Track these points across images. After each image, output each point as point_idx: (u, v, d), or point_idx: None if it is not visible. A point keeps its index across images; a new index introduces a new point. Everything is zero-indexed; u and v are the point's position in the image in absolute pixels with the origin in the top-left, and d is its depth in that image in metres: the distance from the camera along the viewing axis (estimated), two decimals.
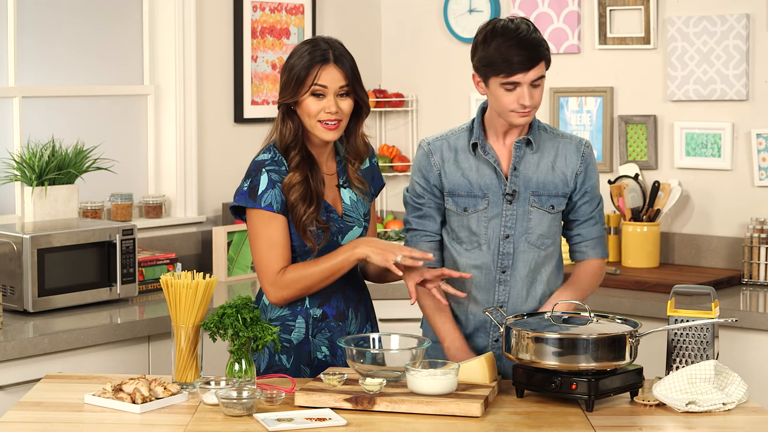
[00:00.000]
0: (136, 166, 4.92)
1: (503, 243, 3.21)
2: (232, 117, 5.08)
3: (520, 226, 3.21)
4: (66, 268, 4.03)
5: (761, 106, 4.63)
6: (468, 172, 3.24)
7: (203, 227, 4.94)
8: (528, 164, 3.21)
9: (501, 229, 3.21)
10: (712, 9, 4.71)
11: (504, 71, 3.09)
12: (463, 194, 3.24)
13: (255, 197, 3.15)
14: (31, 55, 4.59)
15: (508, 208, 3.21)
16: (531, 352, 2.87)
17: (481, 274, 3.24)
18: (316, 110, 3.14)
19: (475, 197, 3.23)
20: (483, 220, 3.22)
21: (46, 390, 3.06)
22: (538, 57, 3.09)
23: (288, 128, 3.19)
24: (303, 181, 3.15)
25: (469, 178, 3.23)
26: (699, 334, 3.04)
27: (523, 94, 3.10)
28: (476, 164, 3.23)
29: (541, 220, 3.21)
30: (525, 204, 3.20)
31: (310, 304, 3.22)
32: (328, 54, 3.14)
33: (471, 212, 3.23)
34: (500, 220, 3.21)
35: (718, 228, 4.75)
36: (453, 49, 5.42)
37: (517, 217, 3.20)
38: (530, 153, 3.22)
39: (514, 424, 2.74)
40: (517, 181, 3.20)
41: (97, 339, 3.83)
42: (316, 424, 2.71)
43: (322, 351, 3.23)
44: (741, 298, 4.36)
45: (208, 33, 4.99)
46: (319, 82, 3.12)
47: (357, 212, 3.26)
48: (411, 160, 5.56)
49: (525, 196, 3.20)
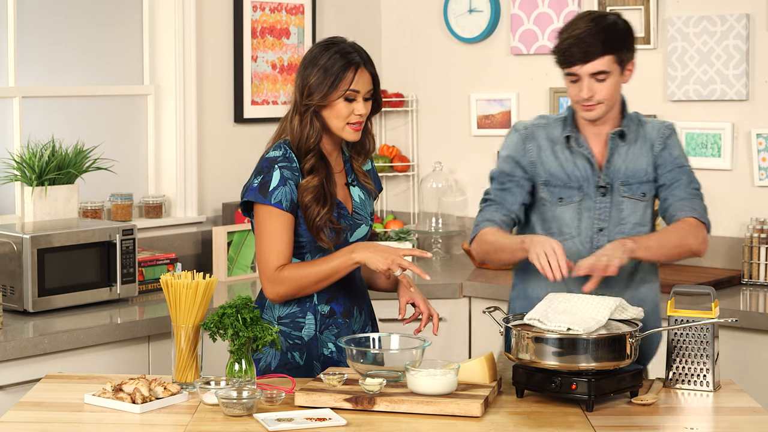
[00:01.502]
0: (136, 166, 4.92)
1: (597, 236, 3.21)
2: (232, 117, 5.08)
3: (614, 218, 3.20)
4: (66, 268, 4.03)
5: (761, 106, 4.63)
6: (565, 163, 3.24)
7: (203, 227, 4.94)
8: (619, 155, 3.22)
9: (594, 221, 3.20)
10: (712, 9, 4.71)
11: (563, 63, 3.14)
12: (559, 184, 3.24)
13: (266, 193, 3.15)
14: (31, 55, 4.59)
15: (601, 201, 3.20)
16: (531, 352, 2.87)
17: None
18: (347, 113, 3.15)
19: (571, 188, 3.23)
20: (576, 211, 3.22)
21: (46, 390, 3.06)
22: (597, 51, 3.09)
23: (314, 129, 3.17)
24: (318, 186, 3.16)
25: (566, 169, 3.23)
26: (699, 334, 3.04)
27: (582, 86, 3.12)
28: (572, 156, 3.24)
29: (633, 209, 3.19)
30: (617, 195, 3.20)
31: (318, 300, 3.23)
32: (358, 57, 3.15)
33: (566, 203, 3.23)
34: (592, 213, 3.21)
35: (718, 228, 4.75)
36: (453, 49, 5.42)
37: (611, 208, 3.20)
38: (622, 144, 3.22)
39: (514, 424, 2.74)
40: (610, 174, 3.21)
41: (97, 339, 3.83)
42: (316, 424, 2.71)
43: (329, 348, 3.24)
44: (741, 298, 4.36)
45: (208, 33, 4.99)
46: (354, 88, 3.14)
47: (365, 210, 3.29)
48: (411, 160, 5.56)
49: (616, 188, 3.20)
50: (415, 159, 5.58)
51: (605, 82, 3.13)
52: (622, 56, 3.15)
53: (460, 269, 4.98)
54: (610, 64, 3.12)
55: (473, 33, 5.32)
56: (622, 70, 3.17)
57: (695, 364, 3.03)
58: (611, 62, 3.12)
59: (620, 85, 3.19)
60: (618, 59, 3.14)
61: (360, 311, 3.31)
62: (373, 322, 3.41)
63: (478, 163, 5.36)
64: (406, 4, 5.59)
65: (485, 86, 5.32)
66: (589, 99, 3.14)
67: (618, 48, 3.13)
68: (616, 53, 3.13)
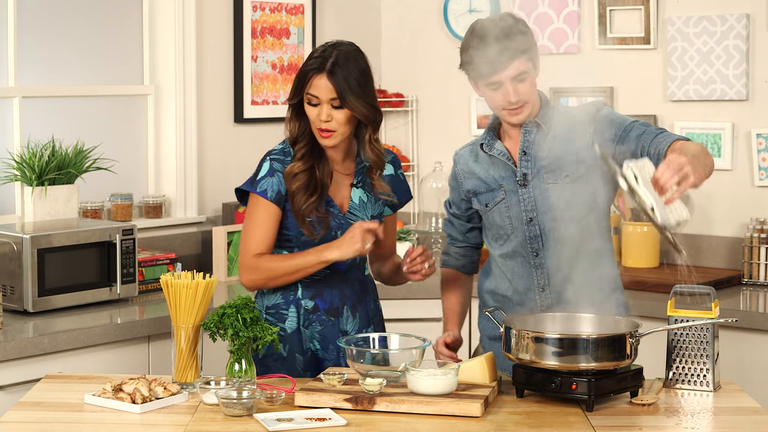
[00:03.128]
0: (136, 166, 4.92)
1: (528, 227, 3.21)
2: (232, 117, 5.08)
3: (541, 206, 3.20)
4: (66, 268, 4.03)
5: (761, 106, 4.63)
6: (484, 170, 3.27)
7: (203, 227, 4.94)
8: (538, 144, 3.21)
9: (522, 214, 3.21)
10: (712, 9, 4.71)
11: (482, 75, 3.14)
12: (483, 191, 3.28)
13: (254, 182, 3.23)
14: (31, 55, 4.59)
15: (524, 192, 3.21)
16: (531, 352, 2.87)
17: (515, 263, 3.25)
18: (313, 117, 3.19)
19: (493, 191, 3.26)
20: (504, 210, 3.23)
21: (46, 390, 3.06)
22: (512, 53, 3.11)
23: (295, 125, 3.25)
24: (307, 171, 3.21)
25: (484, 175, 3.27)
26: (699, 334, 3.04)
27: (507, 91, 3.13)
28: (490, 161, 3.27)
29: (561, 193, 3.18)
30: (540, 183, 3.20)
31: (302, 295, 3.26)
32: (326, 64, 3.15)
33: (492, 206, 3.26)
34: (519, 206, 3.22)
35: (718, 228, 4.75)
36: (453, 49, 5.39)
37: (536, 198, 3.20)
38: (541, 135, 3.21)
39: (514, 424, 2.74)
40: (527, 164, 3.21)
41: (97, 339, 3.83)
42: (316, 424, 2.71)
43: (314, 344, 3.25)
44: (741, 298, 4.36)
45: (208, 33, 4.99)
46: (310, 92, 3.17)
47: (364, 212, 3.28)
48: (411, 160, 5.56)
49: (539, 176, 3.20)
50: (415, 159, 5.58)
51: (526, 81, 3.14)
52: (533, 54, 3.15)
53: None
54: (527, 64, 3.14)
55: None
56: (535, 67, 3.17)
57: (695, 364, 3.03)
58: (527, 62, 3.13)
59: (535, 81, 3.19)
60: (532, 58, 3.14)
61: (352, 312, 3.31)
62: (378, 326, 3.40)
63: None
64: (406, 4, 5.59)
65: None
66: (517, 102, 3.15)
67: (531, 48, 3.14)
68: (530, 53, 3.14)
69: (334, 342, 3.26)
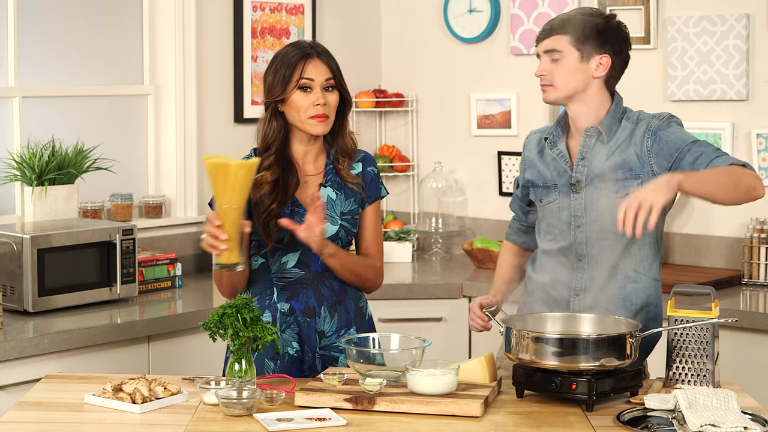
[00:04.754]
0: (136, 166, 4.92)
1: (575, 232, 3.21)
2: (232, 117, 5.09)
3: (590, 215, 3.20)
4: (66, 268, 4.03)
5: (761, 106, 4.63)
6: (544, 165, 3.28)
7: (203, 227, 4.93)
8: (597, 152, 3.20)
9: (571, 219, 3.21)
10: (712, 9, 4.71)
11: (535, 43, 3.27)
12: (540, 185, 3.29)
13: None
14: (31, 55, 4.59)
15: (575, 198, 3.21)
16: (531, 352, 2.87)
17: (558, 262, 3.25)
18: (305, 105, 3.19)
19: (548, 188, 3.27)
20: (555, 210, 3.24)
21: (46, 390, 3.06)
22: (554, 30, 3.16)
23: (272, 128, 3.26)
24: (273, 181, 3.21)
25: (544, 171, 3.28)
26: (699, 334, 3.04)
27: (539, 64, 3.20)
28: (551, 158, 3.27)
29: (609, 205, 3.16)
30: (592, 192, 3.20)
31: (278, 299, 3.25)
32: (312, 50, 3.23)
33: (545, 203, 3.27)
34: (569, 210, 3.22)
35: (718, 228, 4.75)
36: (453, 49, 5.42)
37: (585, 205, 3.20)
38: (601, 143, 3.20)
39: (514, 424, 2.74)
40: (583, 170, 3.21)
41: (97, 339, 3.83)
42: (316, 424, 2.71)
43: (293, 346, 3.24)
44: (741, 298, 4.36)
45: (208, 33, 4.99)
46: (306, 76, 3.19)
47: (332, 210, 3.27)
48: (411, 160, 5.56)
49: (592, 184, 3.20)
50: (415, 159, 5.58)
51: (559, 63, 3.16)
52: (581, 43, 3.15)
53: (460, 269, 4.99)
54: (564, 45, 3.15)
55: (473, 33, 5.32)
56: (583, 58, 3.16)
57: (695, 364, 3.03)
58: (566, 44, 3.15)
59: (586, 76, 3.17)
60: (576, 44, 3.14)
61: (330, 312, 3.28)
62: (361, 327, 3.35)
63: (478, 163, 5.36)
64: (406, 4, 5.59)
65: (485, 86, 5.32)
66: (542, 78, 3.19)
67: (579, 34, 3.14)
68: (574, 37, 3.14)
69: (310, 343, 3.25)
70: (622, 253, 3.18)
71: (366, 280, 3.31)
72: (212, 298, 4.40)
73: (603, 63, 3.17)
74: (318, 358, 3.25)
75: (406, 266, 5.10)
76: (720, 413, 2.70)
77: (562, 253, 3.24)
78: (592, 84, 3.18)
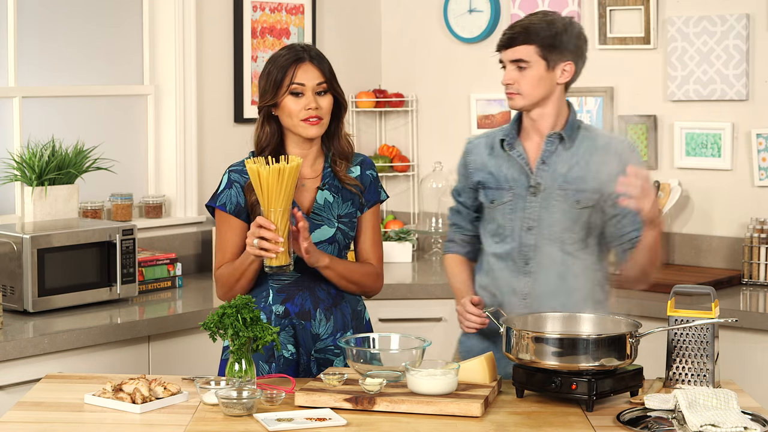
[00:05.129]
0: (136, 166, 4.92)
1: (525, 234, 3.22)
2: (232, 117, 5.09)
3: (545, 219, 3.21)
4: (66, 268, 4.03)
5: (761, 106, 4.63)
6: (498, 167, 3.29)
7: (203, 227, 4.94)
8: (559, 159, 3.22)
9: (524, 221, 3.22)
10: (712, 9, 4.71)
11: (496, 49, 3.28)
12: (492, 186, 3.29)
13: (214, 197, 3.27)
14: (31, 55, 4.59)
15: (532, 201, 3.22)
16: (531, 352, 2.87)
17: (506, 266, 3.27)
18: (297, 109, 3.19)
19: (502, 190, 3.27)
20: (508, 212, 3.25)
21: (46, 390, 3.06)
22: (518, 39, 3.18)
23: (266, 133, 3.26)
24: None
25: (497, 170, 3.28)
26: (699, 334, 3.04)
27: (505, 73, 3.23)
28: (506, 159, 3.28)
29: (565, 214, 3.19)
30: (550, 197, 3.21)
31: (273, 301, 3.25)
32: (304, 54, 3.22)
33: (497, 204, 3.27)
34: (523, 213, 3.22)
35: (718, 228, 4.75)
36: (453, 49, 5.42)
37: (540, 209, 3.20)
38: (563, 149, 3.22)
39: (514, 424, 2.74)
40: (543, 175, 3.22)
41: (97, 339, 3.83)
42: (316, 424, 2.71)
43: (288, 349, 3.23)
44: (741, 298, 4.36)
45: (208, 33, 4.99)
46: (296, 81, 3.19)
47: (329, 212, 3.26)
48: (411, 160, 5.56)
49: (551, 190, 3.21)
50: (415, 159, 5.58)
51: (526, 72, 3.18)
52: (547, 52, 3.18)
53: None
54: (531, 54, 3.18)
55: (473, 33, 5.32)
56: (550, 67, 3.19)
57: (695, 364, 3.03)
58: (533, 53, 3.18)
59: (550, 83, 3.21)
60: (542, 53, 3.18)
61: (326, 315, 3.27)
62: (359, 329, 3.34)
63: None
64: (406, 4, 5.59)
65: (485, 86, 5.32)
66: (508, 87, 3.22)
67: (543, 42, 3.17)
68: (540, 46, 3.17)
69: (305, 346, 3.24)
70: (570, 259, 3.21)
71: (365, 286, 3.31)
72: (212, 298, 4.40)
73: (567, 70, 3.22)
74: (313, 361, 3.24)
75: (406, 266, 5.10)
76: (720, 413, 2.70)
77: (510, 256, 3.26)
78: (556, 89, 3.23)
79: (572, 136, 3.23)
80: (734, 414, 2.71)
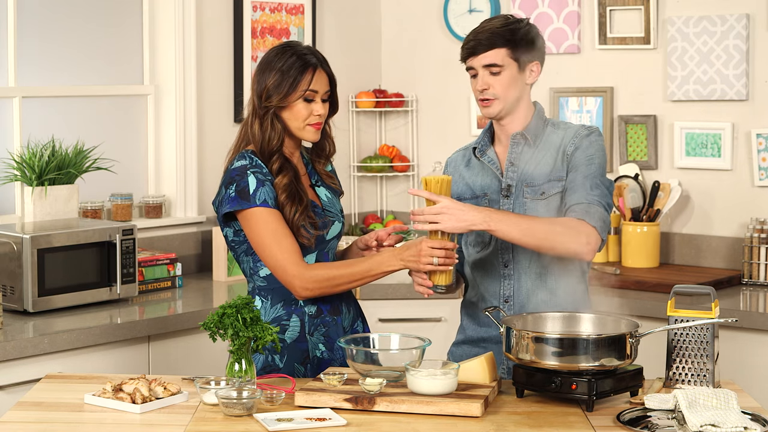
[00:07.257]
0: (136, 166, 4.92)
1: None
2: (232, 117, 5.09)
3: None
4: (66, 268, 4.03)
5: (761, 106, 4.63)
6: (472, 176, 3.30)
7: (203, 227, 4.94)
8: (524, 157, 3.24)
9: None
10: (712, 9, 4.71)
11: (462, 57, 3.27)
12: (468, 197, 3.29)
13: (248, 197, 3.14)
14: (31, 55, 4.59)
15: (505, 203, 3.23)
16: (531, 352, 2.87)
17: (486, 272, 3.27)
18: (306, 114, 3.19)
19: (477, 198, 3.28)
20: None
21: (46, 390, 3.06)
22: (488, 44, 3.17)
23: (276, 131, 3.20)
24: (290, 183, 3.19)
25: (472, 181, 3.29)
26: (699, 334, 3.04)
27: (478, 80, 3.21)
28: (480, 167, 3.29)
29: (536, 209, 3.20)
30: (520, 196, 3.22)
31: (304, 302, 3.23)
32: (314, 59, 3.20)
33: None
34: None
35: (718, 228, 4.75)
36: (453, 49, 5.42)
37: (515, 211, 3.21)
38: (528, 147, 3.24)
39: (514, 424, 2.74)
40: (513, 176, 3.24)
41: (97, 339, 3.84)
42: (316, 424, 2.71)
43: (320, 348, 3.24)
44: (741, 298, 4.36)
45: (208, 33, 4.99)
46: (312, 87, 3.18)
47: (334, 208, 3.31)
48: (411, 160, 5.56)
49: (519, 189, 3.22)
50: (415, 159, 5.58)
51: (500, 76, 3.19)
52: (517, 53, 3.19)
53: None
54: (503, 58, 3.18)
55: None
56: (520, 68, 3.20)
57: (695, 364, 3.03)
58: (505, 56, 3.18)
59: (522, 84, 3.22)
60: (513, 55, 3.18)
61: (348, 308, 3.32)
62: (363, 318, 3.41)
63: None
64: (406, 4, 5.59)
65: None
66: (484, 92, 3.21)
67: (512, 44, 3.18)
68: (510, 48, 3.18)
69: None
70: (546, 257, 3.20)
71: None
72: (212, 298, 4.40)
73: (534, 70, 3.24)
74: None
75: None
76: (720, 413, 2.70)
77: (489, 262, 3.27)
78: (526, 90, 3.25)
79: (538, 134, 3.24)
80: (734, 414, 2.71)
